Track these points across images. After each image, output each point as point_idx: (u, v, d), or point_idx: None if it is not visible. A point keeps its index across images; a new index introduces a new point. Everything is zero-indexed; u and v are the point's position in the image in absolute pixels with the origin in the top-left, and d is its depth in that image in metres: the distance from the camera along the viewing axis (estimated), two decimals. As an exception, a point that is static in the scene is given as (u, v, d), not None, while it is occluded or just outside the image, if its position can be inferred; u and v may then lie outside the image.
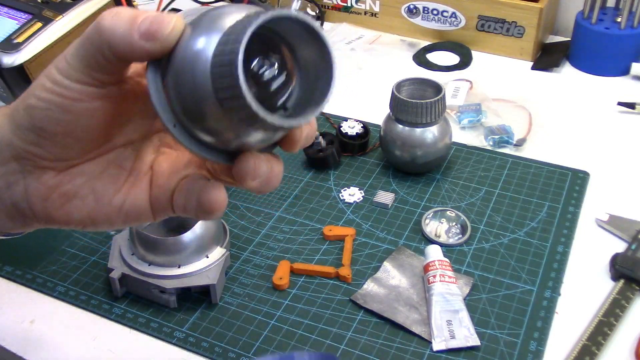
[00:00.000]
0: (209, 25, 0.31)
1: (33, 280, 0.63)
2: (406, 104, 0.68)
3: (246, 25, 0.28)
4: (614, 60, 0.93)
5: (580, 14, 0.94)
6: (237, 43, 0.28)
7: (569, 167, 0.74)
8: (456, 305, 0.56)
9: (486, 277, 0.61)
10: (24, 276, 0.63)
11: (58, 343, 0.56)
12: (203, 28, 0.31)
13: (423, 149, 0.70)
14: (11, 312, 0.59)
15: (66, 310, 0.59)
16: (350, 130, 0.77)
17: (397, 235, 0.66)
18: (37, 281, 0.62)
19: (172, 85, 0.31)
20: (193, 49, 0.30)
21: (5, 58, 0.85)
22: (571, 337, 0.55)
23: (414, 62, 1.00)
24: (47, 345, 0.56)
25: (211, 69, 0.29)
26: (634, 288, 0.58)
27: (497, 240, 0.65)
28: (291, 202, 0.70)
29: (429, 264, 0.59)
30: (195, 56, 0.30)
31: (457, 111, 0.84)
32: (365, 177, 0.74)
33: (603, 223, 0.66)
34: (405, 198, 0.71)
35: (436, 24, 1.03)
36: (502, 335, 0.55)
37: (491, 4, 0.96)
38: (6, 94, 0.89)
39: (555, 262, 0.62)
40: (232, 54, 0.28)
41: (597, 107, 0.87)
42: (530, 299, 0.58)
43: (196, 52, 0.30)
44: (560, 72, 0.96)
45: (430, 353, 0.54)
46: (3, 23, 0.90)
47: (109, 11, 0.33)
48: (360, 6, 1.08)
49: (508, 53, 0.99)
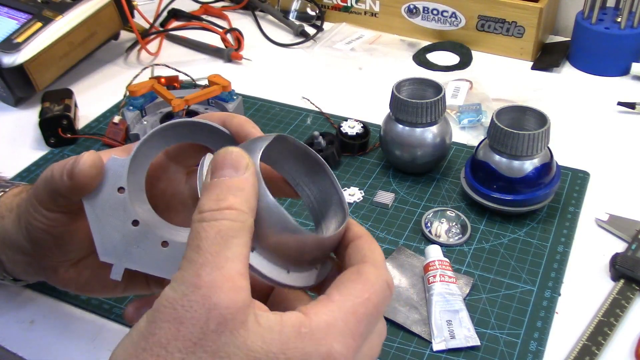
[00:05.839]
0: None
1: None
2: (406, 104, 0.68)
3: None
4: (614, 60, 0.93)
5: (580, 14, 0.94)
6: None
7: (569, 167, 0.74)
8: (456, 305, 0.56)
9: (486, 277, 0.61)
10: (24, 276, 0.63)
11: (58, 343, 0.56)
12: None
13: (423, 149, 0.70)
14: (11, 312, 0.59)
15: (66, 310, 0.59)
16: (350, 130, 0.77)
17: (397, 235, 0.66)
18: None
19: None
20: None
21: (5, 58, 0.85)
22: (571, 337, 0.55)
23: (414, 62, 1.00)
24: (47, 345, 0.56)
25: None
26: (634, 288, 0.58)
27: (497, 240, 0.65)
28: (291, 202, 0.70)
29: (429, 264, 0.59)
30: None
31: (457, 111, 0.84)
32: (365, 177, 0.74)
33: (603, 223, 0.66)
34: (405, 198, 0.71)
35: (436, 24, 1.03)
36: (502, 335, 0.55)
37: (491, 4, 0.96)
38: (6, 94, 0.89)
39: (555, 262, 0.62)
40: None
41: (597, 107, 0.87)
42: (530, 299, 0.58)
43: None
44: (560, 72, 0.96)
45: (430, 353, 0.54)
46: (3, 23, 0.90)
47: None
48: (360, 6, 1.08)
49: (508, 53, 0.99)
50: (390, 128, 0.72)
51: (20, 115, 0.90)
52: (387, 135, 0.72)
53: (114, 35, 1.00)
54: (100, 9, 0.94)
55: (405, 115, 0.69)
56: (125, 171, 0.38)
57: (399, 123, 0.71)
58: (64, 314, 0.59)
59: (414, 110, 0.68)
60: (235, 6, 1.18)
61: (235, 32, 1.06)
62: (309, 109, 0.87)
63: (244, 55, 1.01)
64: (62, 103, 0.82)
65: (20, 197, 0.47)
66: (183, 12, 1.16)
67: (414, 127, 0.70)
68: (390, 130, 0.72)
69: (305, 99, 0.89)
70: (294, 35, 1.09)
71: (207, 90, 0.77)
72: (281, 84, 0.94)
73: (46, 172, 0.40)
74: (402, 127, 0.70)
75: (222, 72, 0.83)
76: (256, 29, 1.11)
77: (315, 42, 1.06)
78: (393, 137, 0.71)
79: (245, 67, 1.00)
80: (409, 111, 0.68)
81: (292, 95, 0.90)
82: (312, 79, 0.96)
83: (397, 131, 0.71)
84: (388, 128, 0.72)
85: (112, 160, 0.38)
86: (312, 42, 1.06)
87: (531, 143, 0.63)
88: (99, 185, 0.38)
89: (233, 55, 1.01)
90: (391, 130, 0.71)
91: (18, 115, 0.90)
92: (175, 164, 0.43)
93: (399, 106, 0.69)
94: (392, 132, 0.71)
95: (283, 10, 1.14)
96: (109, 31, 0.98)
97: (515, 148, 0.63)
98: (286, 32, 1.11)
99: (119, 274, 0.38)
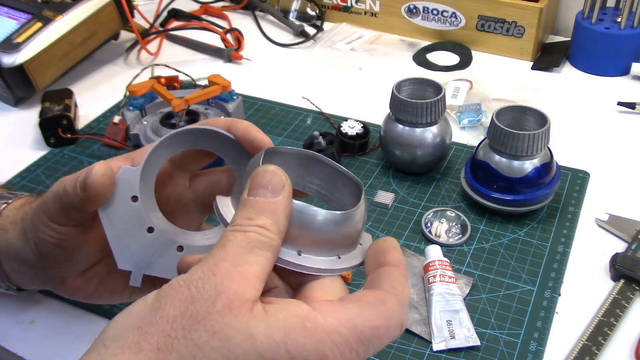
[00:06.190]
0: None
1: (33, 280, 0.62)
2: (406, 104, 0.68)
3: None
4: (614, 60, 0.93)
5: (580, 14, 0.94)
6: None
7: (569, 167, 0.74)
8: (456, 305, 0.56)
9: (486, 277, 0.61)
10: (24, 276, 0.63)
11: (58, 343, 0.56)
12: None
13: (423, 149, 0.70)
14: (11, 312, 0.59)
15: (66, 310, 0.59)
16: (350, 130, 0.77)
17: (397, 235, 0.66)
18: (37, 281, 0.62)
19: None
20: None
21: (5, 58, 0.85)
22: (571, 337, 0.55)
23: (414, 62, 1.00)
24: (47, 345, 0.56)
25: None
26: (634, 288, 0.58)
27: (497, 240, 0.65)
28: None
29: (429, 264, 0.59)
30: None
31: (457, 111, 0.84)
32: (365, 177, 0.74)
33: (603, 223, 0.66)
34: (405, 198, 0.71)
35: (436, 24, 1.03)
36: (502, 335, 0.55)
37: (491, 4, 0.96)
38: (6, 94, 0.89)
39: (555, 262, 0.62)
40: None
41: (597, 107, 0.87)
42: (530, 299, 0.58)
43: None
44: (560, 72, 0.96)
45: (430, 353, 0.54)
46: (3, 23, 0.90)
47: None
48: (360, 6, 1.08)
49: (508, 53, 0.99)
50: (390, 128, 0.72)
51: (20, 115, 0.90)
52: (387, 135, 0.72)
53: (114, 35, 1.00)
54: (100, 9, 0.94)
55: (405, 115, 0.69)
56: (137, 180, 0.39)
57: (399, 123, 0.71)
58: (64, 314, 0.59)
59: (414, 110, 0.68)
60: (235, 6, 1.18)
61: (235, 32, 1.06)
62: (309, 109, 0.87)
63: (244, 55, 1.01)
64: (62, 103, 0.83)
65: (23, 210, 0.47)
66: (183, 12, 1.16)
67: (414, 127, 0.70)
68: (390, 130, 0.72)
69: (305, 99, 0.89)
70: (294, 35, 1.09)
71: (207, 90, 0.77)
72: (281, 84, 0.94)
73: (57, 186, 0.41)
74: (402, 127, 0.70)
75: (222, 72, 0.83)
76: (256, 29, 1.11)
77: (315, 42, 1.06)
78: (393, 137, 0.71)
79: (245, 67, 1.00)
80: (409, 111, 0.68)
81: (292, 95, 0.90)
82: (312, 79, 0.96)
83: (397, 131, 0.71)
84: (388, 128, 0.72)
85: (123, 170, 0.39)
86: (312, 42, 1.06)
87: (531, 143, 0.63)
88: (112, 195, 0.39)
89: (233, 55, 1.01)
90: (391, 130, 0.71)
91: (18, 115, 0.90)
92: (179, 170, 0.44)
93: (399, 106, 0.69)
94: (392, 132, 0.71)
95: (283, 10, 1.14)
96: (109, 31, 0.98)
97: (515, 148, 0.63)
98: (286, 32, 1.11)
99: (138, 281, 0.40)
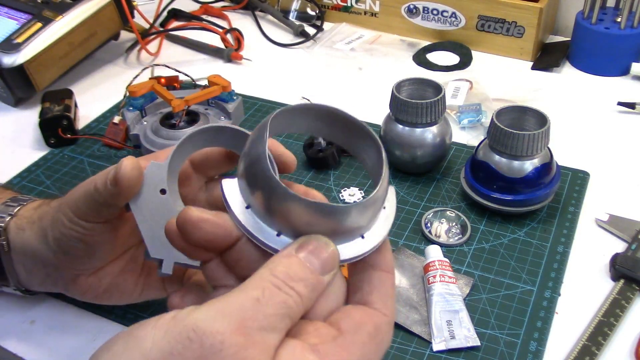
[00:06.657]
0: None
1: (33, 280, 0.62)
2: (406, 104, 0.68)
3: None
4: (614, 60, 0.93)
5: (580, 14, 0.94)
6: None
7: (569, 167, 0.74)
8: (456, 305, 0.56)
9: (486, 277, 0.61)
10: (24, 276, 0.63)
11: (58, 343, 0.56)
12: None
13: (423, 149, 0.70)
14: (11, 312, 0.59)
15: (66, 310, 0.59)
16: (350, 130, 0.77)
17: (397, 235, 0.66)
18: (37, 281, 0.62)
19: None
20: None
21: (5, 58, 0.85)
22: (571, 337, 0.55)
23: (414, 62, 1.00)
24: (47, 345, 0.56)
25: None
26: (634, 288, 0.58)
27: (497, 241, 0.65)
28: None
29: (429, 264, 0.59)
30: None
31: (457, 111, 0.84)
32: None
33: (603, 223, 0.66)
34: (405, 198, 0.71)
35: (436, 24, 1.03)
36: (502, 335, 0.55)
37: (491, 4, 0.96)
38: (6, 94, 0.89)
39: (555, 262, 0.62)
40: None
41: (597, 107, 0.87)
42: (530, 299, 0.58)
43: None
44: (560, 72, 0.96)
45: (430, 353, 0.54)
46: (3, 23, 0.90)
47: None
48: (360, 6, 1.08)
49: (508, 53, 0.99)
50: (390, 128, 0.72)
51: (20, 115, 0.90)
52: (387, 135, 0.72)
53: (114, 35, 1.00)
54: (100, 9, 0.94)
55: (405, 116, 0.69)
56: (165, 174, 0.42)
57: (399, 123, 0.71)
58: (64, 314, 0.59)
59: (414, 111, 0.68)
60: (235, 6, 1.18)
61: (235, 32, 1.07)
62: (309, 109, 0.87)
63: (244, 55, 1.01)
64: (62, 103, 0.83)
65: (41, 209, 0.49)
66: (183, 12, 1.16)
67: (414, 127, 0.70)
68: (390, 130, 0.72)
69: (305, 99, 0.89)
70: (294, 35, 1.09)
71: (207, 90, 0.77)
72: (281, 84, 0.94)
73: (86, 186, 0.43)
74: (402, 127, 0.70)
75: (222, 72, 0.83)
76: (256, 29, 1.11)
77: (315, 42, 1.06)
78: (393, 137, 0.71)
79: (245, 67, 1.00)
80: (409, 111, 0.69)
81: (292, 95, 0.90)
82: (312, 79, 0.96)
83: (397, 131, 0.71)
84: (388, 128, 0.72)
85: (151, 165, 0.42)
86: (312, 42, 1.06)
87: (531, 143, 0.63)
88: (141, 189, 0.42)
89: (233, 55, 1.01)
90: (391, 131, 0.71)
91: (18, 115, 0.90)
92: (197, 173, 0.47)
93: (399, 106, 0.69)
94: (392, 132, 0.71)
95: (283, 10, 1.14)
96: (109, 31, 0.98)
97: (515, 148, 0.63)
98: (286, 32, 1.11)
99: (169, 268, 0.42)
